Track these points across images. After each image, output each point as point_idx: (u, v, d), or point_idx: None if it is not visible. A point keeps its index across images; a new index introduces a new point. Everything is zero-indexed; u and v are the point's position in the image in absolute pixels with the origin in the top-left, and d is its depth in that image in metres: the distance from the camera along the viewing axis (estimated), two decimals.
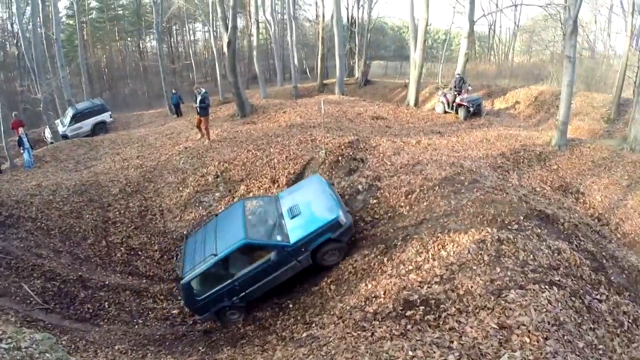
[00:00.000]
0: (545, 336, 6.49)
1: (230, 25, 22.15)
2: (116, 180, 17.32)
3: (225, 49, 23.47)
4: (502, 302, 7.24)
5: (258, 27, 35.91)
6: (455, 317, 7.33)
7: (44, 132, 27.51)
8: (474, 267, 8.37)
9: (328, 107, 16.30)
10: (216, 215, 12.84)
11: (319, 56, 38.45)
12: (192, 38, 59.74)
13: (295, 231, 10.85)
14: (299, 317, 10.38)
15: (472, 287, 7.84)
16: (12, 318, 11.26)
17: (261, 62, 35.47)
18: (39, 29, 28.40)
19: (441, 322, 7.37)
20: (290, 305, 11.03)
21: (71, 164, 19.97)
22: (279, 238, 10.81)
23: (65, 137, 26.20)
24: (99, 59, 54.74)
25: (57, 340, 6.35)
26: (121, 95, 36.34)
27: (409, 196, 12.10)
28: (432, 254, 9.43)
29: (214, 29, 39.33)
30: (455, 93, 22.23)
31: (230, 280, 10.75)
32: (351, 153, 15.16)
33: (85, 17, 50.54)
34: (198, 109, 18.68)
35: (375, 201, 12.60)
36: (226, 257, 10.59)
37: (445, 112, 22.83)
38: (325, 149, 15.35)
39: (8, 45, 46.24)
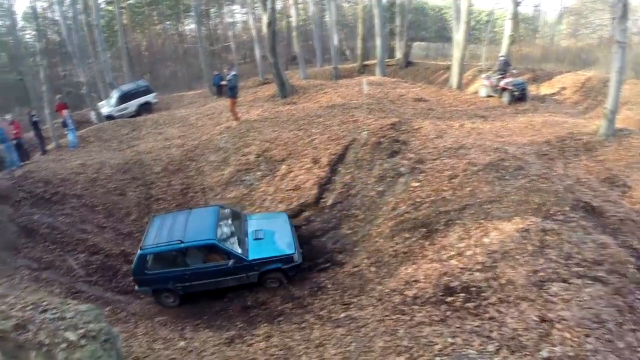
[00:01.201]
0: (586, 333, 6.42)
1: (269, 7, 22.08)
2: (159, 159, 17.69)
3: (265, 30, 23.46)
4: (544, 294, 7.18)
5: (297, 8, 35.66)
6: (496, 306, 7.31)
7: (90, 113, 28.16)
8: (517, 257, 8.28)
9: (369, 88, 16.11)
10: (190, 209, 13.50)
11: (359, 37, 37.95)
12: (230, 20, 59.84)
13: (254, 250, 11.73)
14: (337, 298, 10.43)
15: (514, 276, 7.78)
16: (57, 289, 11.73)
17: (300, 44, 35.27)
18: (79, 16, 28.99)
19: (481, 311, 7.36)
20: (329, 286, 11.10)
21: (114, 144, 20.48)
22: (240, 251, 11.61)
23: (110, 117, 26.90)
24: (138, 43, 55.44)
25: (100, 312, 6.50)
26: (161, 77, 36.82)
27: (452, 180, 11.87)
28: (474, 241, 9.34)
29: (253, 10, 39.28)
30: (500, 76, 21.41)
31: (183, 269, 11.42)
32: (393, 135, 14.88)
33: (124, 3, 51.13)
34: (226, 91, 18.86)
35: (417, 184, 12.40)
36: (189, 248, 11.39)
37: (489, 96, 22.07)
38: (367, 130, 15.17)
39: (50, 33, 47.21)
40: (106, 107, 28.41)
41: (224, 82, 18.84)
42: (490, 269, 8.25)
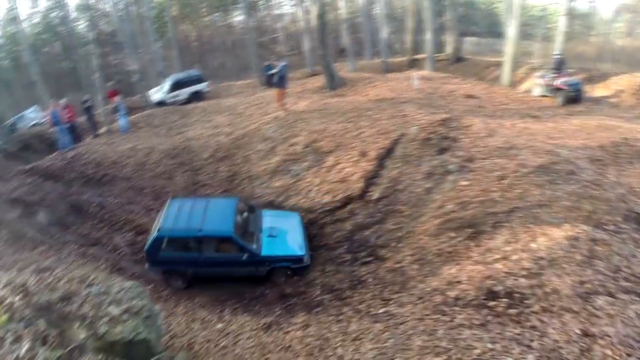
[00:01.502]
0: (628, 352, 6.25)
1: None
2: (207, 146, 18.02)
3: (314, 22, 23.50)
4: (589, 307, 7.01)
5: (347, 0, 35.56)
6: (539, 315, 7.19)
7: (143, 99, 28.99)
8: (564, 266, 8.09)
9: (419, 83, 15.94)
10: (209, 197, 14.33)
11: (409, 30, 37.56)
12: (278, 12, 60.06)
13: (267, 247, 12.17)
14: (377, 293, 10.42)
15: (559, 286, 7.61)
16: (103, 265, 12.14)
17: (349, 36, 35.16)
18: (130, 7, 29.85)
19: (523, 319, 7.25)
20: (370, 280, 11.09)
21: (164, 130, 21.01)
22: (254, 246, 12.02)
23: (162, 103, 27.67)
24: (188, 34, 56.32)
25: (144, 289, 6.71)
26: (210, 67, 37.47)
27: (502, 181, 11.66)
28: (521, 245, 9.17)
29: (302, 2, 39.35)
30: (554, 75, 20.72)
31: (196, 255, 11.89)
32: (443, 131, 14.68)
33: None
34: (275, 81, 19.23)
35: (466, 183, 12.20)
36: (206, 237, 11.87)
37: (543, 95, 21.40)
38: (416, 126, 15.02)
39: (101, 23, 48.54)
40: (158, 93, 29.19)
41: (273, 71, 18.98)
42: (535, 276, 8.10)
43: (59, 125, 18.92)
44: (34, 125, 29.74)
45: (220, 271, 12.13)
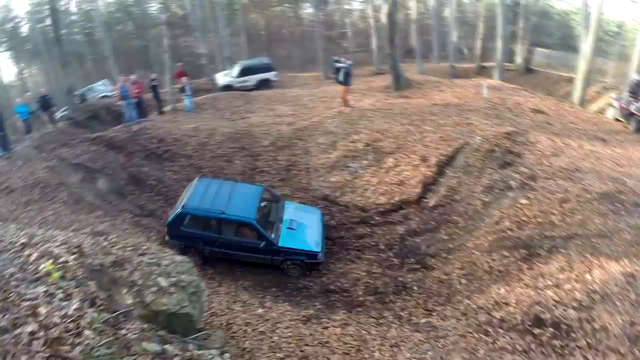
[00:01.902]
0: None
1: None
2: (268, 134, 18.29)
3: (384, 20, 23.40)
4: (637, 351, 6.73)
5: (417, 0, 35.16)
6: (583, 351, 7.01)
7: (209, 82, 29.86)
8: (617, 303, 7.76)
9: (486, 92, 15.64)
10: (236, 181, 14.40)
11: (479, 36, 36.82)
12: (348, 7, 59.93)
13: (285, 239, 12.41)
14: (420, 302, 10.45)
15: (609, 324, 7.34)
16: (154, 237, 12.59)
17: (418, 37, 34.87)
18: None
19: (567, 352, 7.10)
20: (415, 288, 11.10)
21: (227, 114, 21.51)
22: (273, 236, 12.31)
23: (229, 87, 28.37)
24: (257, 22, 57.05)
25: (193, 265, 6.93)
26: (277, 57, 37.86)
27: (563, 205, 11.28)
28: (575, 275, 8.89)
29: None
30: (631, 99, 19.51)
31: (217, 235, 12.23)
32: (507, 145, 14.40)
33: None
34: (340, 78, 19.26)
35: (526, 202, 11.88)
36: (227, 220, 12.16)
37: (617, 119, 20.39)
38: (481, 136, 14.79)
39: (174, 7, 49.84)
40: (227, 77, 29.81)
41: (339, 66, 19.08)
42: (586, 309, 7.85)
43: (127, 99, 19.68)
44: (102, 97, 31.12)
45: (236, 254, 12.43)
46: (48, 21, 37.62)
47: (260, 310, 9.62)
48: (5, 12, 51.30)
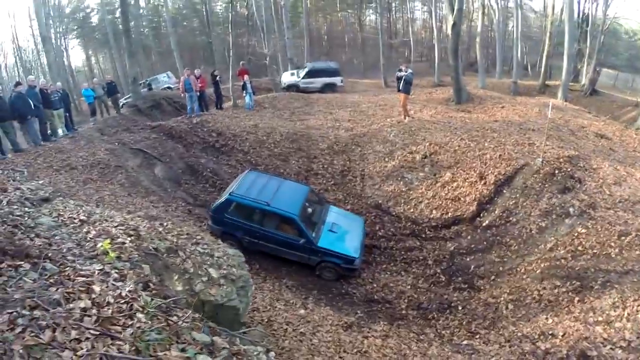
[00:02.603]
0: None
1: (456, 7, 21.84)
2: (326, 137, 18.51)
3: (448, 31, 23.26)
4: None
5: (483, 13, 34.66)
6: None
7: (272, 82, 30.55)
8: None
9: (550, 112, 15.28)
10: (284, 179, 14.73)
11: (544, 53, 35.75)
12: (411, 16, 59.70)
13: (325, 240, 12.49)
14: (464, 323, 10.39)
15: None
16: (205, 227, 12.92)
17: (482, 51, 34.40)
18: None
19: None
20: (460, 308, 11.04)
21: (286, 114, 21.83)
22: (313, 235, 12.40)
23: (294, 86, 29.18)
24: (319, 26, 57.56)
25: (244, 260, 7.08)
26: (338, 62, 38.12)
27: (622, 238, 10.85)
28: (628, 313, 8.64)
29: (435, 9, 38.97)
30: None
31: (258, 226, 12.44)
32: (569, 169, 13.90)
33: None
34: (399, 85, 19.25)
35: (584, 231, 11.52)
36: (271, 213, 12.33)
37: None
38: (542, 158, 14.38)
39: (238, 6, 50.81)
40: (293, 77, 30.44)
41: (399, 75, 19.10)
42: (635, 351, 7.64)
43: (190, 92, 20.21)
44: (164, 88, 32.22)
45: (274, 249, 12.55)
46: (118, 13, 39.22)
47: (302, 311, 9.76)
48: (77, 2, 53.68)
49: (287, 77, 30.62)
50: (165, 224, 7.26)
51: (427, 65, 42.21)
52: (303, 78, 29.62)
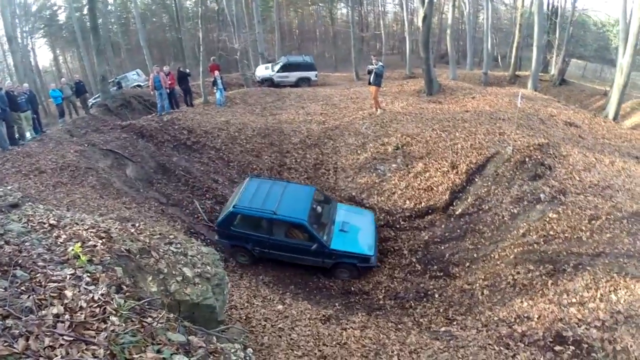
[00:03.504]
0: None
1: (427, 0, 21.88)
2: (298, 131, 18.48)
3: (419, 24, 23.32)
4: None
5: (454, 5, 34.85)
6: None
7: (242, 77, 30.20)
8: None
9: (521, 102, 15.45)
10: (287, 182, 14.24)
11: (514, 44, 36.19)
12: (382, 9, 59.84)
13: (337, 241, 12.22)
14: (441, 310, 10.45)
15: (631, 346, 7.30)
16: (179, 226, 12.81)
17: (452, 43, 34.60)
18: None
19: None
20: (436, 295, 11.10)
21: (258, 109, 21.65)
22: (324, 238, 12.11)
23: (268, 81, 29.18)
24: (291, 20, 57.41)
25: (219, 257, 7.00)
26: (308, 55, 38.13)
27: (592, 222, 11.12)
28: (600, 294, 8.84)
29: (406, 1, 39.09)
30: None
31: (267, 236, 12.14)
32: (539, 157, 14.14)
33: None
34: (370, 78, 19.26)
35: (554, 216, 11.73)
36: (279, 220, 12.03)
37: None
38: (512, 146, 14.59)
39: (208, 1, 50.32)
40: (268, 70, 30.34)
41: (370, 68, 19.08)
42: (608, 330, 7.81)
43: (159, 89, 19.89)
44: (134, 86, 31.77)
45: (286, 256, 12.35)
46: (85, 10, 38.47)
47: (280, 307, 9.72)
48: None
49: (262, 71, 30.49)
50: (137, 224, 7.13)
51: (398, 57, 42.42)
52: (278, 72, 29.53)
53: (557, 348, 7.64)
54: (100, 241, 5.47)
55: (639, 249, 9.99)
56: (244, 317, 8.65)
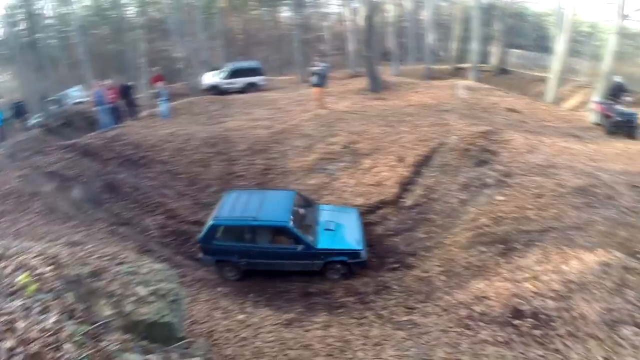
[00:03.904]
0: None
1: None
2: (245, 138, 18.24)
3: (361, 23, 23.54)
4: (615, 336, 6.80)
5: (394, 4, 35.39)
6: (563, 339, 7.03)
7: (187, 86, 29.99)
8: (594, 291, 7.86)
9: (462, 93, 15.80)
10: (267, 189, 14.30)
11: (455, 38, 37.20)
12: (325, 10, 60.16)
13: (324, 240, 11.98)
14: (401, 300, 10.39)
15: (586, 311, 7.40)
16: (131, 245, 12.28)
17: (394, 40, 35.06)
18: None
19: (547, 341, 7.11)
20: (395, 287, 11.07)
21: (204, 118, 21.35)
22: (310, 238, 11.83)
23: (216, 87, 28.78)
24: (234, 26, 57.05)
25: (173, 273, 6.82)
26: (255, 60, 37.92)
27: (538, 200, 11.43)
28: (552, 267, 8.96)
29: (348, 2, 39.39)
30: (610, 102, 18.75)
31: (251, 245, 11.81)
32: (483, 144, 14.52)
33: None
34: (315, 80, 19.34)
35: (502, 198, 12.02)
36: (261, 227, 11.76)
37: (597, 123, 19.33)
38: (457, 136, 14.90)
39: (151, 10, 49.44)
40: (215, 77, 29.95)
41: (314, 70, 19.10)
42: (563, 299, 7.92)
43: (101, 105, 19.41)
44: (76, 103, 30.69)
45: (274, 264, 12.09)
46: (23, 25, 37.17)
47: (241, 316, 9.52)
48: None
49: (209, 78, 30.08)
50: (86, 247, 6.85)
51: (343, 57, 42.60)
52: (225, 78, 29.18)
53: (516, 322, 7.69)
54: (49, 268, 5.22)
55: (585, 221, 10.24)
56: (206, 331, 8.47)
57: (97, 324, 4.37)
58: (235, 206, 12.28)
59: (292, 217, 11.94)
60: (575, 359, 6.56)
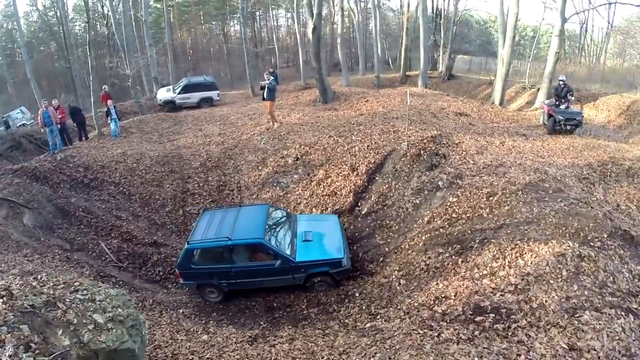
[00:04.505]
0: None
1: (315, 12, 22.27)
2: (197, 155, 18.06)
3: (310, 35, 23.65)
4: (575, 322, 6.95)
5: (343, 15, 35.77)
6: (525, 330, 7.11)
7: (155, 98, 30.07)
8: (551, 281, 8.05)
9: (411, 99, 16.00)
10: (240, 205, 13.89)
11: (403, 47, 37.77)
12: (275, 24, 60.52)
13: (302, 252, 11.68)
14: (364, 307, 10.38)
15: (546, 301, 7.55)
16: (87, 271, 12.08)
17: (344, 51, 35.38)
18: (128, 11, 30.26)
19: (510, 333, 7.17)
20: (357, 294, 11.07)
21: (155, 136, 20.98)
22: (288, 252, 11.58)
23: (171, 102, 28.58)
24: (184, 41, 56.68)
25: (130, 297, 6.62)
26: (209, 75, 37.76)
27: (490, 198, 11.66)
28: (508, 261, 9.14)
29: (298, 15, 39.65)
30: (556, 102, 19.04)
31: (229, 265, 11.49)
32: (433, 148, 14.75)
33: (172, 1, 52.39)
34: (264, 93, 19.24)
35: (455, 199, 12.23)
36: (236, 245, 11.43)
37: (545, 124, 19.56)
38: (407, 142, 15.07)
39: (99, 26, 48.63)
40: (169, 93, 29.61)
41: (263, 84, 19.02)
42: (522, 292, 8.05)
43: (50, 126, 18.77)
44: (20, 126, 29.61)
45: (255, 282, 11.75)
46: None
47: (205, 337, 9.38)
48: None
49: (163, 94, 29.75)
50: (39, 277, 6.56)
51: (293, 70, 42.84)
52: (179, 93, 28.85)
53: (478, 319, 7.71)
54: (1, 300, 5.05)
55: (536, 215, 10.51)
56: (170, 355, 8.24)
57: (55, 355, 4.28)
58: (209, 227, 11.95)
59: (266, 232, 11.66)
60: (539, 348, 6.60)
